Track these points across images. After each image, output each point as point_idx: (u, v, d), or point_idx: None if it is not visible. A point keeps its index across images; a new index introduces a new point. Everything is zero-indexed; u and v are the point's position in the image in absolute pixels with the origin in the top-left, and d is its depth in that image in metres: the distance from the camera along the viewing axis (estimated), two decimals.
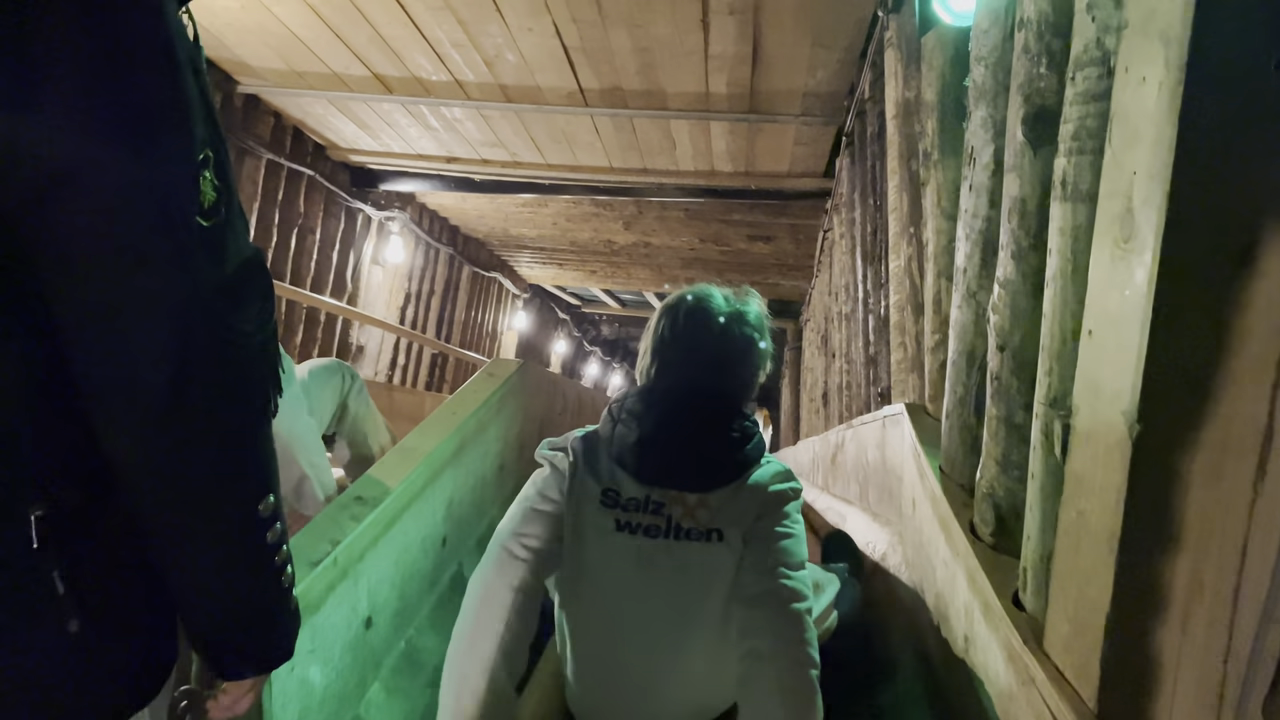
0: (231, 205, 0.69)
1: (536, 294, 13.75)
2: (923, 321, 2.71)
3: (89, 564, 0.68)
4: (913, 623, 2.05)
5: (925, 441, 2.27)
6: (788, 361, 14.69)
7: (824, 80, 4.48)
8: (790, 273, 9.89)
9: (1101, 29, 1.26)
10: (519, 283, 12.52)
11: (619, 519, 1.42)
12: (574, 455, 1.54)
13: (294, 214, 6.64)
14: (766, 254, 9.10)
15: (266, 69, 5.30)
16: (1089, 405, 1.20)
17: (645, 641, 1.43)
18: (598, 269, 11.30)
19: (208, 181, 0.64)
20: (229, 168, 0.69)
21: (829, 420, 6.52)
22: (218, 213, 0.65)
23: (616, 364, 20.59)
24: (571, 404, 3.35)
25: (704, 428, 1.50)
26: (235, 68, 5.38)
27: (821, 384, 7.25)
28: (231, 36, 4.82)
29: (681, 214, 7.72)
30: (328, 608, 1.46)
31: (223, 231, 0.66)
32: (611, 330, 18.86)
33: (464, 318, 10.51)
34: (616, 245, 9.50)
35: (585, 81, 4.83)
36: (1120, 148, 1.14)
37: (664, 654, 1.43)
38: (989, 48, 1.81)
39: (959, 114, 2.34)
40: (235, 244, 0.69)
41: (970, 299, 1.95)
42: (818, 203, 6.53)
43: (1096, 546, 1.15)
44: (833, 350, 6.06)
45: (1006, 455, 1.66)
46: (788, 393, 14.83)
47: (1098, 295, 1.19)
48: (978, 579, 1.64)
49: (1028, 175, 1.56)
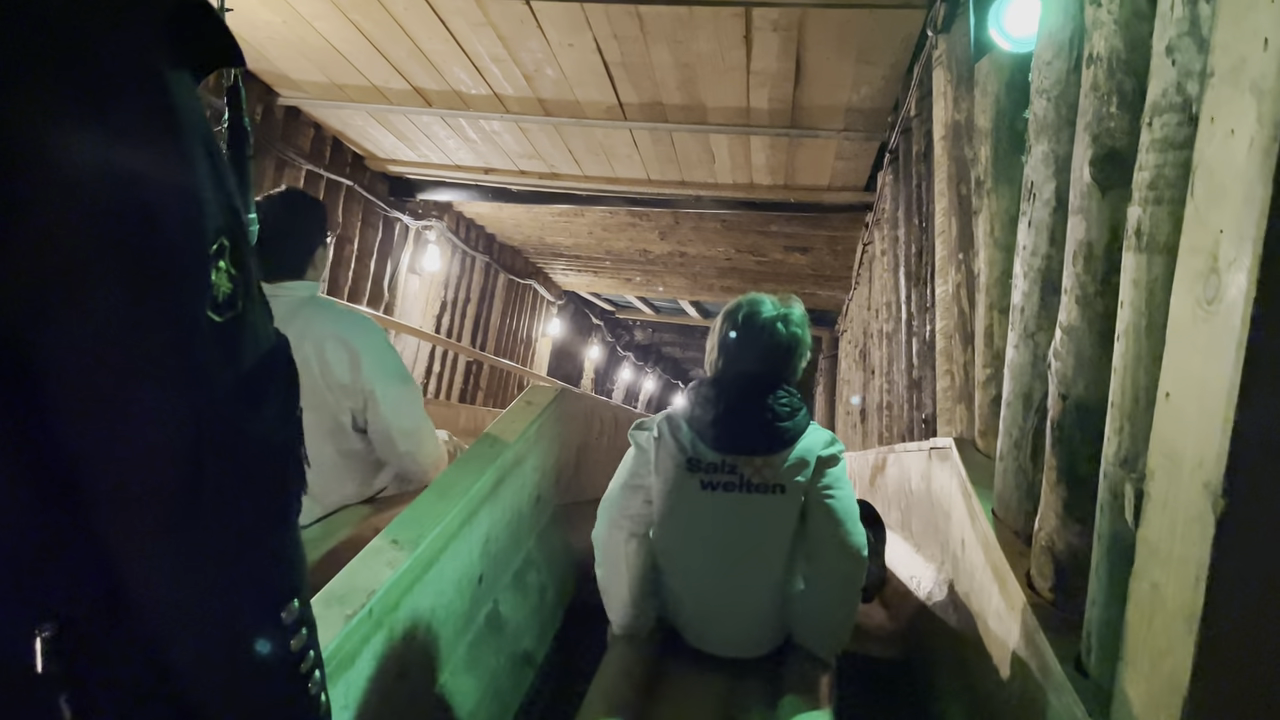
0: (250, 293, 0.63)
1: (571, 300, 13.75)
2: (972, 351, 2.64)
3: (99, 689, 0.63)
4: (963, 673, 1.98)
5: (976, 480, 2.19)
6: (822, 370, 14.61)
7: (868, 96, 4.41)
8: (827, 283, 9.79)
9: (1183, 74, 1.19)
10: (553, 290, 12.52)
11: (703, 479, 1.84)
12: (660, 433, 1.91)
13: (333, 224, 6.66)
14: (803, 265, 9.01)
15: (307, 81, 5.32)
16: (1166, 472, 1.13)
17: (724, 569, 1.87)
18: (633, 277, 11.27)
19: (222, 273, 0.59)
20: (248, 253, 0.64)
21: (867, 437, 6.43)
22: (233, 305, 0.60)
23: (649, 369, 20.52)
24: (609, 426, 3.31)
25: (762, 405, 1.88)
26: (276, 80, 5.40)
27: (859, 399, 7.15)
28: (273, 50, 4.84)
29: (718, 224, 7.66)
30: (362, 661, 1.43)
31: (238, 326, 0.61)
32: (645, 335, 18.80)
33: (499, 325, 10.52)
34: (652, 254, 9.46)
35: (625, 96, 4.79)
36: (1204, 203, 1.07)
37: (738, 578, 1.88)
38: (1052, 80, 1.74)
39: (1014, 142, 2.26)
40: (253, 338, 0.63)
41: (1028, 339, 1.87)
42: (858, 215, 6.44)
43: (1173, 623, 1.08)
44: (872, 367, 5.97)
45: (1068, 509, 1.59)
46: (821, 400, 14.79)
47: (1177, 356, 1.12)
48: (1036, 639, 1.57)
49: (1095, 218, 1.49)
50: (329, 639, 1.35)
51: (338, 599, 1.44)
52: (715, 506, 1.83)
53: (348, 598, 1.44)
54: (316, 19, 4.30)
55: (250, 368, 0.62)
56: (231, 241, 0.61)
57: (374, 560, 1.56)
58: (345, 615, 1.40)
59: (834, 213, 6.50)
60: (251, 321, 0.63)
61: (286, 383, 0.68)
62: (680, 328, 16.75)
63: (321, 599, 1.44)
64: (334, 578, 1.51)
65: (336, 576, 1.51)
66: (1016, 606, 1.70)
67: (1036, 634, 1.57)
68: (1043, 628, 1.56)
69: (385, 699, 1.52)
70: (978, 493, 2.10)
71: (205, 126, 0.62)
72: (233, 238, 0.61)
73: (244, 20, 4.42)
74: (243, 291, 0.61)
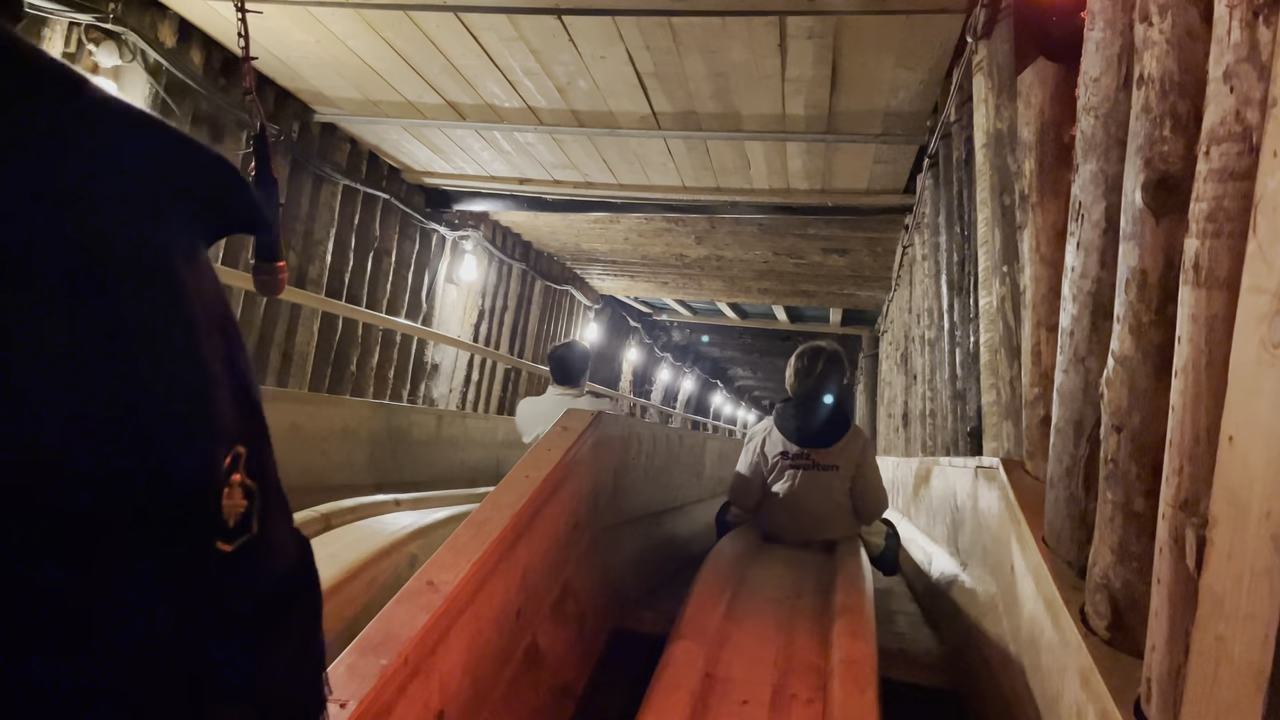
0: (270, 501, 0.52)
1: (608, 304, 13.74)
2: (1018, 367, 2.57)
3: None
4: (1014, 710, 1.92)
5: (1025, 505, 2.13)
6: (862, 369, 14.50)
7: (906, 101, 4.33)
8: (866, 284, 9.68)
9: (1241, 101, 1.13)
10: (590, 294, 12.52)
11: (792, 463, 3.32)
12: (765, 434, 3.44)
13: (370, 237, 6.71)
14: (842, 266, 8.91)
15: (342, 98, 5.35)
16: (1231, 520, 1.07)
17: (800, 509, 3.32)
18: (669, 280, 11.23)
19: (236, 488, 0.49)
20: (268, 454, 0.53)
21: (909, 443, 6.34)
22: (246, 528, 0.50)
23: (687, 369, 20.46)
24: (646, 445, 3.27)
25: (821, 415, 3.36)
26: (312, 98, 5.44)
27: (901, 403, 7.05)
28: (307, 69, 4.87)
29: (755, 228, 7.59)
30: (398, 711, 1.41)
31: (256, 549, 0.51)
32: (682, 336, 18.74)
33: (536, 331, 10.53)
34: (688, 259, 9.41)
35: (658, 105, 4.76)
36: (1268, 241, 1.01)
37: (807, 514, 3.33)
38: (1100, 97, 1.68)
39: (1060, 156, 2.20)
40: (269, 563, 0.53)
41: (1078, 364, 1.81)
42: (897, 218, 6.35)
43: (1240, 680, 1.03)
44: (914, 372, 5.88)
45: (1124, 545, 1.53)
46: (862, 399, 14.73)
47: (1241, 399, 1.06)
48: (1092, 681, 1.51)
49: (1149, 246, 1.43)
50: (365, 690, 1.34)
51: (373, 648, 1.42)
52: (796, 477, 3.35)
53: (383, 646, 1.43)
54: (350, 38, 4.32)
55: (270, 594, 0.53)
56: (249, 446, 0.51)
57: (410, 604, 1.55)
58: (381, 665, 1.38)
59: (872, 215, 6.41)
60: (271, 540, 0.53)
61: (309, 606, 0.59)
62: (718, 328, 16.69)
63: (357, 647, 1.43)
64: (370, 624, 1.49)
65: (372, 622, 1.50)
66: (1071, 643, 1.64)
67: (1093, 675, 1.51)
68: (1099, 670, 1.50)
69: None
70: (1028, 519, 2.04)
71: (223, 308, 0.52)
72: (251, 442, 0.51)
73: (278, 40, 4.46)
74: (261, 503, 0.51)
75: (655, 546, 3.34)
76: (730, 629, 2.23)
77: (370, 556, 2.48)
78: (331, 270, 6.25)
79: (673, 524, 3.75)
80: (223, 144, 4.99)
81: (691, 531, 4.03)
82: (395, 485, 3.97)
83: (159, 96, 4.47)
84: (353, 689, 1.34)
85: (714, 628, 2.17)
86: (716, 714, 1.81)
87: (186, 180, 0.50)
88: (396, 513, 3.24)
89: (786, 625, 2.30)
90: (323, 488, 3.46)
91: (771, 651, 2.11)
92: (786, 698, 1.87)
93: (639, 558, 3.06)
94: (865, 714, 1.73)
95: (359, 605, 2.29)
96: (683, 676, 1.88)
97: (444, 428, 4.84)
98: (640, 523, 3.21)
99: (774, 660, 2.05)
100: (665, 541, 3.52)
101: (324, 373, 6.33)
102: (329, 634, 2.17)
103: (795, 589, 2.63)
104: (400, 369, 7.39)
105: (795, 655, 2.08)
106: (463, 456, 4.98)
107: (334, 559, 2.47)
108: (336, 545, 2.59)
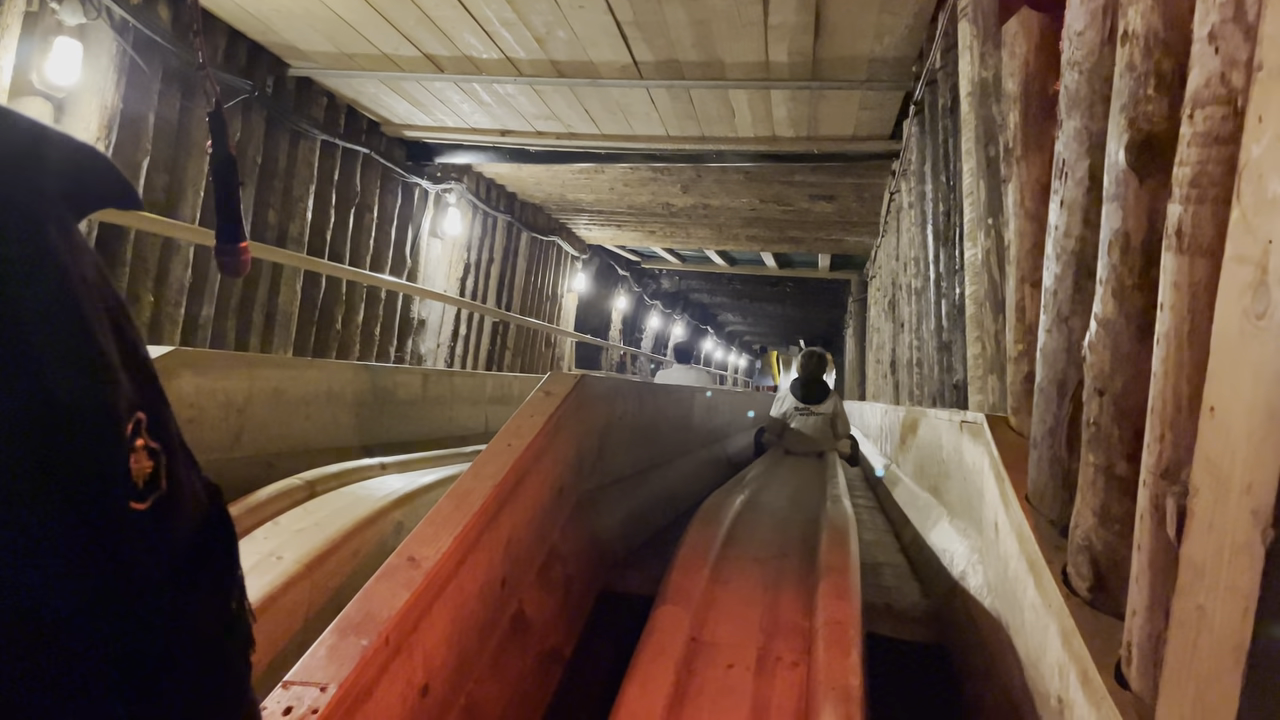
0: (175, 457, 0.55)
1: (596, 253, 13.65)
2: (1003, 320, 2.55)
3: None
4: (996, 666, 1.93)
5: (1009, 462, 2.13)
6: (851, 313, 14.50)
7: (891, 46, 4.25)
8: (854, 229, 9.62)
9: (1227, 63, 1.09)
10: (577, 244, 12.42)
11: (799, 412, 6.09)
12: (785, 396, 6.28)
13: (350, 192, 6.61)
14: (830, 212, 8.84)
15: (316, 52, 5.23)
16: (1211, 491, 1.06)
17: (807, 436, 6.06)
18: (657, 229, 11.14)
19: (141, 451, 0.51)
20: (167, 413, 0.55)
21: (897, 390, 6.37)
22: (156, 485, 0.52)
23: (678, 315, 20.46)
24: (632, 404, 3.25)
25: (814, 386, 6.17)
26: (285, 51, 5.32)
27: (889, 350, 7.06)
28: (279, 22, 4.75)
29: (741, 176, 7.51)
30: (380, 690, 1.40)
31: (166, 505, 0.53)
32: (672, 283, 18.68)
33: (524, 283, 10.46)
34: (675, 207, 9.33)
35: (640, 55, 4.66)
36: (1252, 209, 0.99)
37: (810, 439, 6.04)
38: (1084, 52, 1.63)
39: (1044, 109, 2.15)
40: (181, 512, 0.55)
41: (1061, 324, 1.79)
42: (884, 163, 6.29)
43: (1220, 652, 1.02)
44: (901, 320, 5.87)
45: (1106, 508, 1.53)
46: (851, 343, 14.79)
47: (1222, 370, 1.05)
48: (1074, 642, 1.52)
49: (1132, 208, 1.40)
50: (345, 672, 1.34)
51: (354, 628, 1.41)
52: (803, 420, 6.00)
53: (364, 626, 1.42)
54: None
55: (185, 546, 0.55)
56: (148, 411, 0.53)
57: (391, 581, 1.54)
58: (362, 646, 1.37)
59: (859, 161, 6.34)
60: (181, 492, 0.55)
61: (222, 551, 0.60)
62: (706, 276, 16.64)
63: (337, 628, 1.42)
64: (351, 602, 1.49)
65: (353, 601, 1.49)
66: (1053, 604, 1.65)
67: (1074, 637, 1.52)
68: (1081, 631, 1.51)
69: (408, 718, 1.50)
70: (1011, 478, 2.04)
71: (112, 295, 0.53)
72: (150, 407, 0.54)
73: None
74: (168, 461, 0.54)
75: (643, 504, 3.34)
76: (716, 591, 2.24)
77: (355, 525, 2.47)
78: (313, 228, 6.17)
79: (661, 480, 3.75)
80: (193, 101, 4.88)
81: (680, 486, 4.04)
82: (382, 446, 3.96)
83: (127, 55, 4.36)
84: (333, 671, 1.34)
85: (700, 591, 2.18)
86: (702, 679, 1.82)
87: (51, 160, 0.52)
88: (382, 477, 3.23)
89: (773, 586, 2.31)
90: (307, 451, 3.44)
91: (757, 613, 2.12)
92: (772, 661, 1.89)
93: (626, 517, 3.06)
94: (849, 677, 1.74)
95: (344, 575, 2.30)
96: (668, 642, 1.88)
97: (430, 387, 4.81)
98: (627, 482, 3.20)
99: (759, 623, 2.06)
100: (653, 499, 3.52)
101: (309, 332, 6.28)
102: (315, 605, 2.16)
103: (781, 548, 2.64)
104: (386, 325, 7.34)
105: (781, 617, 2.09)
106: (450, 414, 4.97)
107: (319, 528, 2.46)
108: (321, 513, 2.59)
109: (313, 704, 1.29)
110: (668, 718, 1.67)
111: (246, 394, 3.17)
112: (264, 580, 2.15)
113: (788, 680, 1.81)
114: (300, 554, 2.27)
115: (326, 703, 1.29)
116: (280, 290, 5.94)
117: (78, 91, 4.14)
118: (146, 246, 4.73)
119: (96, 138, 4.23)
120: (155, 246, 4.80)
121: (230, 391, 3.09)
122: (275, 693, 1.30)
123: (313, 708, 1.28)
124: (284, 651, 2.05)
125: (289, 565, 2.23)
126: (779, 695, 1.77)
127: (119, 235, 4.52)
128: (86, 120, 4.20)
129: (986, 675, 2.03)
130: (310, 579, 2.22)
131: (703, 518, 2.88)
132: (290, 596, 2.15)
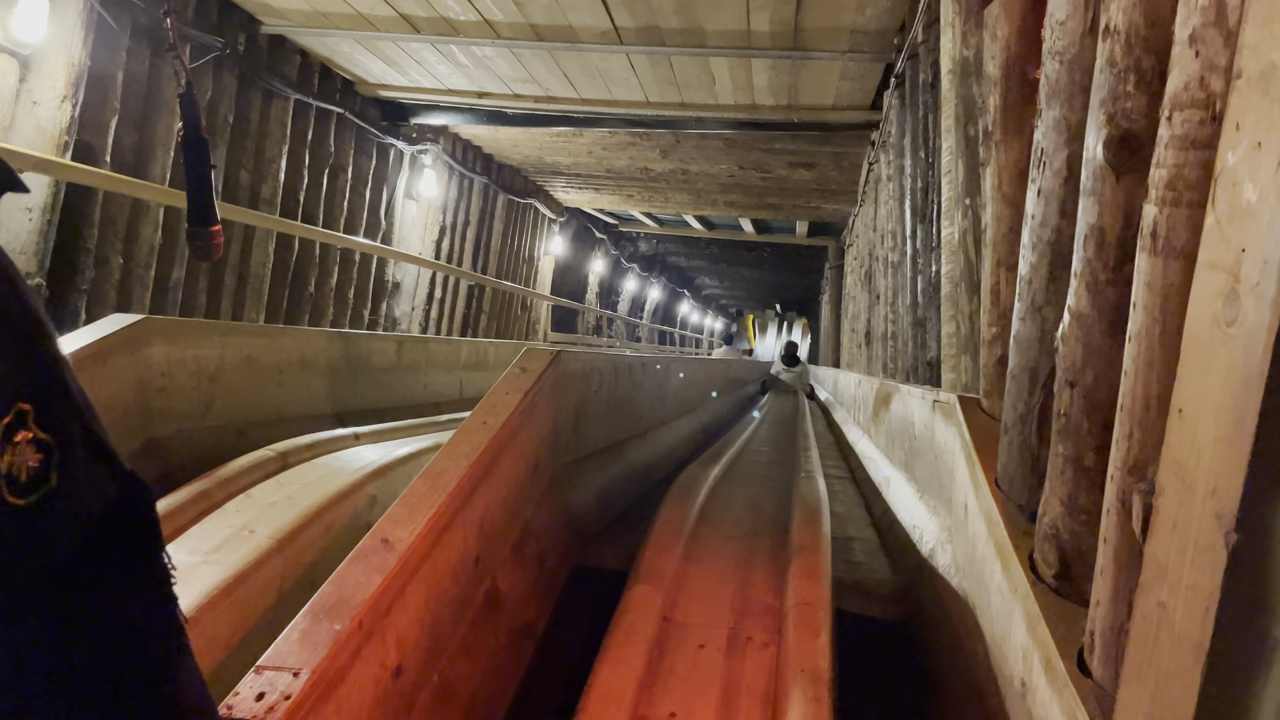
0: (73, 454, 0.53)
1: (573, 216, 13.56)
2: (978, 302, 2.56)
3: None
4: (962, 647, 1.97)
5: (979, 445, 2.15)
6: (828, 279, 14.57)
7: (873, 18, 4.22)
8: (833, 197, 9.62)
9: (1207, 67, 1.09)
10: (555, 207, 12.33)
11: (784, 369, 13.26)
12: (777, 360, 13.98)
13: (324, 153, 6.51)
14: (808, 180, 8.83)
15: (289, 9, 5.12)
16: (1177, 493, 1.08)
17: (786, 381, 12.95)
18: (635, 193, 11.08)
19: (24, 445, 0.49)
20: (69, 403, 0.53)
21: (871, 361, 6.40)
22: (44, 480, 0.50)
23: (654, 279, 20.43)
24: (608, 377, 3.25)
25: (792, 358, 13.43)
26: (258, 8, 5.20)
27: (864, 320, 7.09)
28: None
29: (721, 143, 7.47)
30: (353, 673, 1.41)
31: (51, 503, 0.51)
32: (649, 246, 18.62)
33: (500, 246, 10.39)
34: (654, 172, 9.27)
35: (620, 20, 4.60)
36: (1226, 216, 0.99)
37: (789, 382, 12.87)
38: (1065, 42, 1.63)
39: (1025, 93, 2.15)
40: (73, 509, 0.53)
41: (1035, 312, 1.80)
42: (863, 133, 6.27)
43: (1180, 650, 1.05)
44: (877, 292, 5.89)
45: (1073, 498, 1.55)
46: (827, 309, 15.11)
47: (1192, 373, 1.06)
48: (1039, 628, 1.54)
49: (1108, 204, 1.40)
50: (318, 657, 1.34)
51: (327, 612, 1.42)
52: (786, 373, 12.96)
53: (336, 610, 1.42)
54: None
55: (78, 544, 0.53)
56: (36, 403, 0.50)
57: (364, 564, 1.54)
58: (335, 631, 1.37)
59: (839, 130, 6.32)
60: (75, 489, 0.53)
61: (137, 553, 0.58)
62: (684, 239, 16.59)
63: (310, 612, 1.42)
64: (324, 585, 1.49)
65: (325, 584, 1.49)
66: (1019, 589, 1.67)
67: (1039, 624, 1.55)
68: (1045, 618, 1.53)
69: (381, 699, 1.51)
70: (982, 461, 2.06)
71: None
72: (39, 397, 0.51)
73: None
74: (60, 456, 0.51)
75: (618, 478, 3.35)
76: (689, 569, 2.26)
77: (329, 499, 2.47)
78: (285, 189, 6.07)
79: (635, 452, 3.76)
80: (162, 58, 4.77)
81: (655, 458, 4.05)
82: (356, 414, 3.94)
83: (94, 10, 4.24)
84: (306, 656, 1.34)
85: (672, 569, 2.20)
86: (673, 660, 1.84)
87: None
88: (356, 448, 3.22)
89: (745, 564, 2.33)
90: (280, 420, 3.42)
91: (729, 592, 2.14)
92: (742, 641, 1.91)
93: (601, 491, 3.07)
94: (818, 658, 1.76)
95: (317, 551, 2.29)
96: (640, 623, 1.90)
97: (405, 354, 4.79)
98: (602, 455, 3.21)
99: (731, 602, 2.09)
100: (628, 471, 3.53)
101: (281, 295, 6.21)
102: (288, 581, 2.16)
103: (753, 526, 2.66)
104: (360, 289, 7.28)
105: (752, 597, 2.12)
106: (425, 381, 4.95)
107: (291, 501, 2.45)
108: (294, 486, 2.58)
109: (285, 689, 1.29)
110: (639, 698, 1.69)
111: (218, 362, 3.14)
112: (236, 555, 2.15)
113: (758, 661, 1.84)
114: (273, 529, 2.26)
115: (300, 688, 1.29)
116: (253, 253, 5.86)
117: (44, 48, 4.04)
118: (115, 207, 4.65)
119: (64, 96, 4.13)
120: (125, 207, 4.72)
121: (202, 360, 3.06)
122: (248, 677, 1.30)
123: (285, 693, 1.28)
124: (257, 627, 2.05)
125: (261, 540, 2.22)
126: (749, 676, 1.80)
127: (87, 196, 4.43)
128: (54, 78, 4.10)
129: (952, 654, 2.07)
130: (283, 554, 2.21)
131: (676, 494, 2.90)
132: (263, 573, 2.15)
